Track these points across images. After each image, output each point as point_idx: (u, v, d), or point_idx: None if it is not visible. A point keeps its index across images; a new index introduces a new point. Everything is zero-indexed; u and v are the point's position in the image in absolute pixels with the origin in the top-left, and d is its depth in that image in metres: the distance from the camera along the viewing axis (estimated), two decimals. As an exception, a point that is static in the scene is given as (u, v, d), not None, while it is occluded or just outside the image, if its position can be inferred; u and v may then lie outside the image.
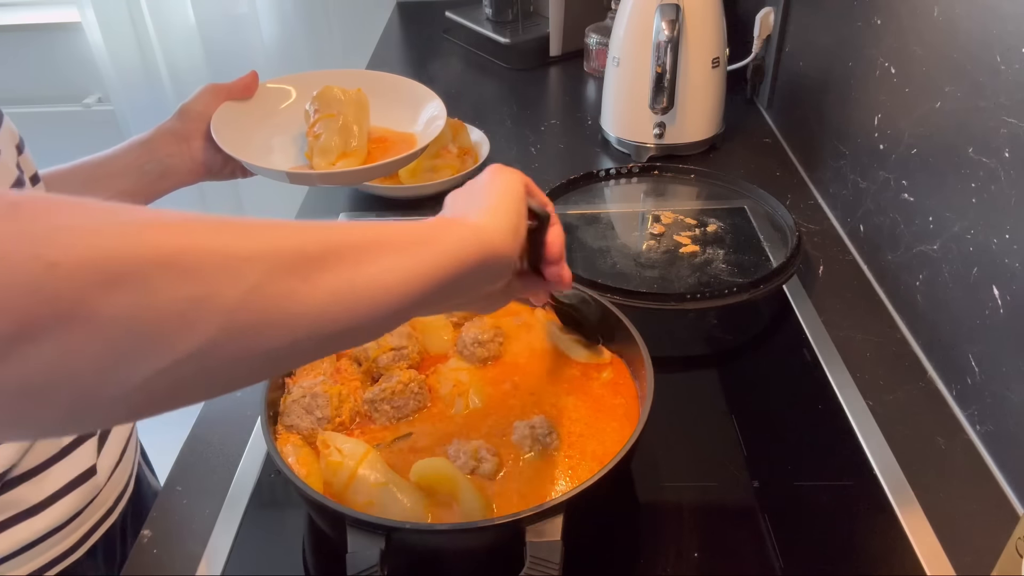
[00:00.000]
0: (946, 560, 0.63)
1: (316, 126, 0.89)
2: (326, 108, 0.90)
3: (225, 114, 0.86)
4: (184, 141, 0.82)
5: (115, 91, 1.96)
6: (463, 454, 0.63)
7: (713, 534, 0.66)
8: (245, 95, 0.91)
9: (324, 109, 0.90)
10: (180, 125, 0.83)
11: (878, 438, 0.73)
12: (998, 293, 0.69)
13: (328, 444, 0.62)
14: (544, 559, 0.52)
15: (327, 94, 0.91)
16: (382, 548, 0.53)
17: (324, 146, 0.87)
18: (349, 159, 0.88)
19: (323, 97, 0.91)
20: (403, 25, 1.81)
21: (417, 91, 0.98)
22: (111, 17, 1.86)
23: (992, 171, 0.69)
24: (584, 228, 1.03)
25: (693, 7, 1.11)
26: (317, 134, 0.88)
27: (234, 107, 0.88)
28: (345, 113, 0.89)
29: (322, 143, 0.87)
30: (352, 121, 0.89)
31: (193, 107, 0.84)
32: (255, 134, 0.90)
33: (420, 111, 0.96)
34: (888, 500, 0.68)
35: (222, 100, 0.87)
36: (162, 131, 0.82)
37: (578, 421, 0.67)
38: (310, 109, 0.91)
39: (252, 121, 0.90)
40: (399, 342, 0.71)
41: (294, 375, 0.71)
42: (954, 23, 0.75)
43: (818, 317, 0.89)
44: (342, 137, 0.88)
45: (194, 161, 0.83)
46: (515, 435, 0.65)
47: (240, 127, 0.87)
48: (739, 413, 0.77)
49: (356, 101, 0.91)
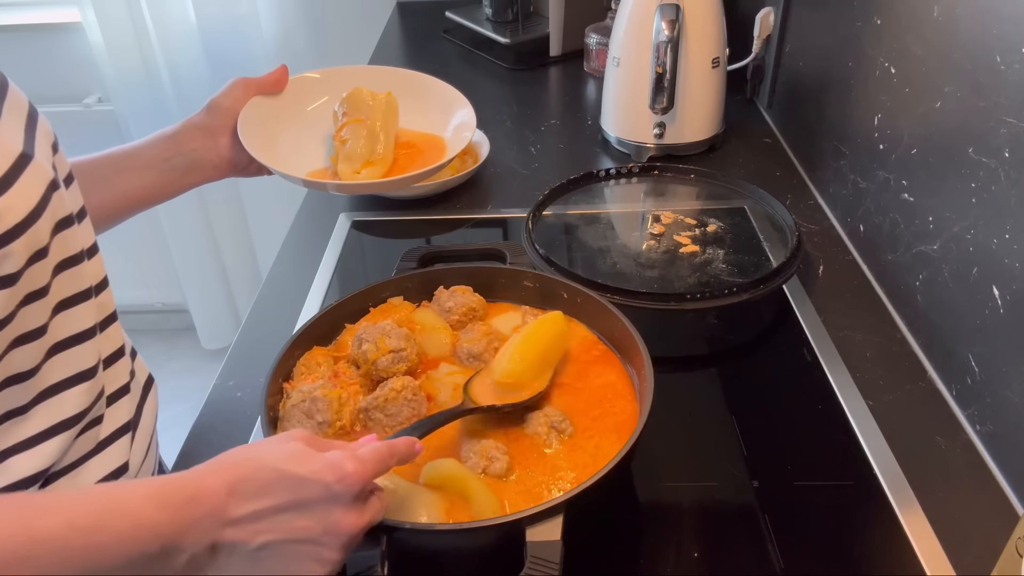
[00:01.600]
0: (946, 560, 0.63)
1: (343, 131, 0.85)
2: (355, 112, 0.87)
3: (253, 111, 0.84)
4: (211, 137, 0.81)
5: (115, 91, 1.96)
6: (474, 454, 0.63)
7: (713, 534, 0.66)
8: (275, 90, 0.88)
9: (352, 113, 0.87)
10: (208, 120, 0.81)
11: (878, 438, 0.73)
12: (998, 293, 0.69)
13: None
14: (544, 559, 0.52)
15: (356, 97, 0.88)
16: (382, 548, 0.53)
17: (350, 152, 0.84)
18: (374, 167, 0.84)
19: (352, 100, 0.88)
20: (403, 25, 1.81)
21: (448, 94, 0.95)
22: (111, 17, 1.85)
23: (992, 171, 0.69)
24: (584, 228, 1.03)
25: (693, 7, 1.11)
26: (344, 139, 0.85)
27: (263, 103, 0.86)
28: (373, 118, 0.86)
29: (348, 149, 0.84)
30: (380, 127, 0.87)
31: (222, 102, 0.82)
32: (282, 133, 0.87)
33: (451, 116, 0.93)
34: (888, 500, 0.68)
35: (251, 95, 0.85)
36: (190, 125, 0.81)
37: (579, 422, 0.67)
38: (339, 111, 0.88)
39: (280, 119, 0.88)
40: (398, 344, 0.71)
41: (292, 380, 0.70)
42: (954, 23, 0.75)
43: (818, 317, 0.89)
44: (368, 144, 0.85)
45: (220, 157, 0.82)
46: (529, 427, 0.66)
47: (267, 125, 0.85)
48: (739, 413, 0.77)
49: (385, 105, 0.88)
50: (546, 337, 0.71)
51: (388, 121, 0.88)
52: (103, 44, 1.88)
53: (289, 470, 0.49)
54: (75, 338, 0.57)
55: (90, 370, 0.58)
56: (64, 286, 0.55)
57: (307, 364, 0.72)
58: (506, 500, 0.60)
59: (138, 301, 2.42)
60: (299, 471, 0.49)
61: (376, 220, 1.09)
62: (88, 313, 0.58)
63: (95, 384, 0.58)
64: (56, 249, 0.54)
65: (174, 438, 0.80)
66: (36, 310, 0.52)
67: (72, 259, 0.56)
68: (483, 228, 1.08)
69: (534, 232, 0.98)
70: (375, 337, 0.71)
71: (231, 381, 0.83)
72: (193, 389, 1.97)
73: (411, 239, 1.06)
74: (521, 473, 0.63)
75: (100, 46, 1.89)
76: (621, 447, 0.58)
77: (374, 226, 1.08)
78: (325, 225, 1.08)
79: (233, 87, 0.84)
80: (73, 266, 0.56)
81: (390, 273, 0.82)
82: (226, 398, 0.81)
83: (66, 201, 0.55)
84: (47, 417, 0.55)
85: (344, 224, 1.08)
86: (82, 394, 0.57)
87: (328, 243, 1.04)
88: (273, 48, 1.93)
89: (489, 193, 1.14)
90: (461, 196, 1.12)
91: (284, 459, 0.50)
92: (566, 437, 0.65)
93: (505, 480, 0.62)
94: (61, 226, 0.54)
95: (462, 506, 0.59)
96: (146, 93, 1.95)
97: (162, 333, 2.48)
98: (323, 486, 0.49)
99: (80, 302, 0.57)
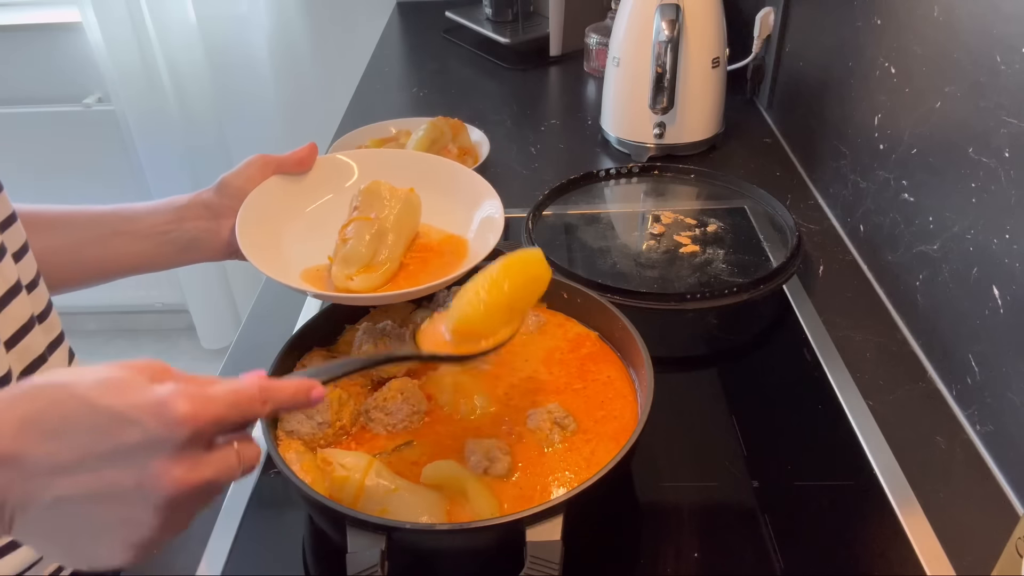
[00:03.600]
0: (946, 560, 0.63)
1: (349, 228, 0.74)
2: (366, 208, 0.76)
3: (262, 196, 0.75)
4: (214, 217, 0.74)
5: (115, 91, 1.96)
6: (476, 453, 0.63)
7: (713, 534, 0.66)
8: (298, 170, 0.78)
9: (364, 209, 0.76)
10: (215, 199, 0.74)
11: (878, 438, 0.73)
12: (998, 293, 0.69)
13: (330, 461, 0.61)
14: (544, 559, 0.52)
15: (373, 190, 0.76)
16: (382, 548, 0.53)
17: (348, 254, 0.73)
18: (372, 274, 0.69)
19: (368, 193, 0.76)
20: (403, 25, 1.81)
21: (476, 185, 0.81)
22: (111, 17, 1.85)
23: (992, 171, 0.69)
24: (584, 228, 1.03)
25: (693, 7, 1.11)
26: (346, 238, 0.74)
27: (278, 184, 0.76)
28: (385, 218, 0.75)
29: (347, 250, 0.73)
30: (390, 228, 0.75)
31: (233, 181, 0.74)
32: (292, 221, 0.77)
33: (475, 210, 0.80)
34: (888, 500, 0.68)
35: (268, 174, 0.76)
36: (198, 201, 0.74)
37: (580, 422, 0.67)
38: (353, 203, 0.77)
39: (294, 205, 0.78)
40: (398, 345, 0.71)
41: None
42: (954, 23, 0.75)
43: (818, 317, 0.89)
44: (372, 246, 0.74)
45: (220, 241, 0.74)
46: (531, 421, 0.66)
47: (274, 212, 0.76)
48: (739, 413, 0.77)
49: (404, 203, 0.76)
50: (516, 280, 0.60)
51: (402, 221, 0.76)
52: (103, 44, 1.88)
53: (102, 403, 0.39)
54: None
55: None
56: None
57: (307, 365, 0.72)
58: (506, 500, 0.60)
59: (138, 301, 2.42)
60: (116, 404, 0.39)
61: (376, 220, 1.09)
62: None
63: None
64: None
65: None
66: None
67: None
68: (483, 228, 1.08)
69: (534, 232, 0.98)
70: (376, 338, 0.71)
71: (231, 381, 0.83)
72: (193, 389, 1.98)
73: (411, 239, 1.06)
74: (522, 473, 0.63)
75: (100, 46, 1.89)
76: (621, 447, 0.58)
77: (374, 226, 1.08)
78: (325, 225, 1.08)
79: (248, 165, 0.76)
80: None
81: (390, 273, 0.82)
82: (226, 398, 0.81)
83: None
84: None
85: (344, 224, 1.08)
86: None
87: (328, 243, 1.04)
88: (273, 48, 1.93)
89: (489, 193, 1.14)
90: (461, 196, 1.12)
91: (98, 389, 0.39)
92: (569, 434, 0.65)
93: (506, 480, 0.62)
94: None
95: (463, 506, 0.59)
96: (146, 93, 1.95)
97: (162, 333, 2.48)
98: (140, 427, 0.38)
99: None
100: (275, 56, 1.94)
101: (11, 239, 0.60)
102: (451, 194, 0.81)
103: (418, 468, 0.62)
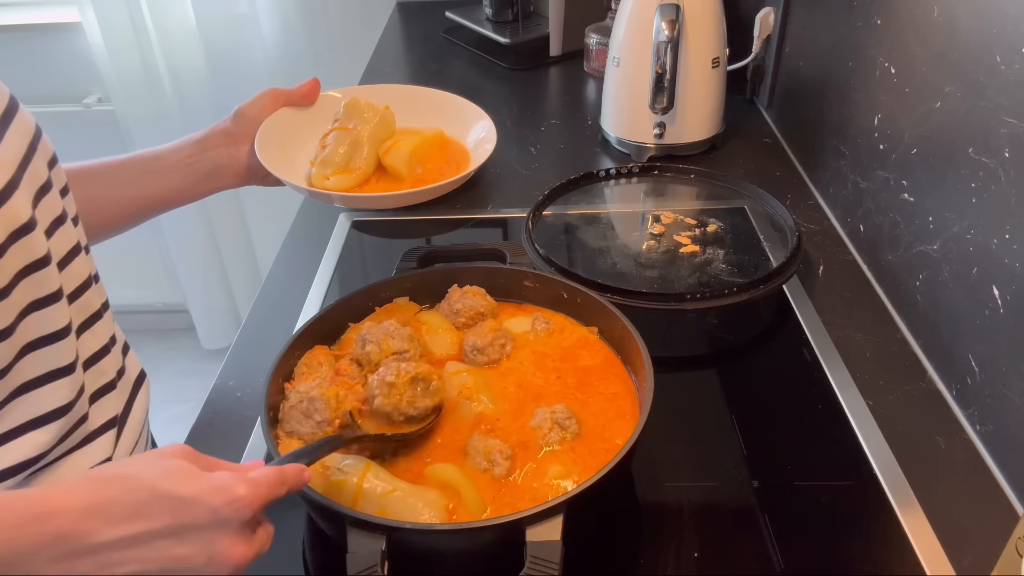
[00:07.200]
0: (946, 560, 0.63)
1: (329, 136, 0.89)
2: (345, 120, 0.89)
3: (276, 123, 0.85)
4: (234, 144, 0.83)
5: (115, 91, 1.96)
6: (478, 453, 0.63)
7: (713, 534, 0.66)
8: (304, 102, 0.89)
9: (343, 121, 0.89)
10: (233, 127, 0.83)
11: (878, 438, 0.73)
12: (998, 293, 0.69)
13: (327, 466, 0.61)
14: (544, 559, 0.52)
15: (353, 106, 0.90)
16: (382, 548, 0.53)
17: (326, 158, 0.88)
18: (347, 175, 0.87)
19: (349, 108, 0.89)
20: (403, 25, 1.81)
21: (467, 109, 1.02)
22: (111, 17, 1.86)
23: (992, 171, 0.69)
24: (584, 228, 1.03)
25: (693, 7, 1.11)
26: (325, 144, 0.88)
27: (289, 115, 0.87)
28: (361, 129, 0.89)
29: (325, 155, 0.88)
30: (365, 139, 0.89)
31: (248, 111, 0.84)
32: (303, 147, 0.88)
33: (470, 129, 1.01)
34: (888, 500, 0.68)
35: (279, 106, 0.86)
36: (216, 130, 0.83)
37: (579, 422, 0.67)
38: (335, 116, 0.91)
39: (303, 132, 0.89)
40: (401, 345, 0.70)
41: (292, 380, 0.70)
42: (954, 23, 0.75)
43: (818, 317, 0.89)
44: (346, 153, 0.88)
45: (240, 165, 0.83)
46: (534, 420, 0.66)
47: (287, 137, 0.86)
48: (739, 413, 0.77)
49: (380, 117, 0.90)
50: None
51: (377, 133, 0.90)
52: (103, 44, 1.88)
53: (169, 490, 0.44)
54: (48, 338, 0.55)
55: (66, 368, 0.57)
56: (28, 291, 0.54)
57: (308, 364, 0.72)
58: (506, 500, 0.60)
59: (138, 301, 2.42)
60: (181, 491, 0.44)
61: (376, 220, 1.09)
62: (61, 314, 0.56)
63: (73, 381, 0.57)
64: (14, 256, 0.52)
65: (174, 438, 0.79)
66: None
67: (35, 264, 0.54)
68: (483, 228, 1.08)
69: (534, 232, 0.98)
70: (379, 338, 0.70)
71: (231, 381, 0.83)
72: (193, 389, 1.98)
73: (411, 239, 1.06)
74: (523, 473, 0.63)
75: (100, 46, 1.89)
76: (621, 447, 0.58)
77: (374, 226, 1.08)
78: (325, 225, 1.07)
79: (261, 97, 0.86)
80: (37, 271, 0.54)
81: (390, 273, 0.82)
82: (226, 398, 0.81)
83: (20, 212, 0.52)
84: (21, 414, 0.55)
85: (344, 224, 1.08)
86: (57, 391, 0.56)
87: (328, 243, 1.04)
88: (273, 48, 1.93)
89: (489, 193, 1.14)
90: (461, 196, 1.12)
91: (163, 477, 0.44)
92: (570, 435, 0.65)
93: (506, 480, 0.62)
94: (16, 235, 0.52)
95: (463, 506, 0.60)
96: (146, 93, 1.95)
97: (162, 333, 2.48)
98: (210, 509, 0.44)
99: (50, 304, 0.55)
100: (275, 56, 1.94)
101: (70, 206, 0.62)
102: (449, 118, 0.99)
103: (418, 468, 0.62)
